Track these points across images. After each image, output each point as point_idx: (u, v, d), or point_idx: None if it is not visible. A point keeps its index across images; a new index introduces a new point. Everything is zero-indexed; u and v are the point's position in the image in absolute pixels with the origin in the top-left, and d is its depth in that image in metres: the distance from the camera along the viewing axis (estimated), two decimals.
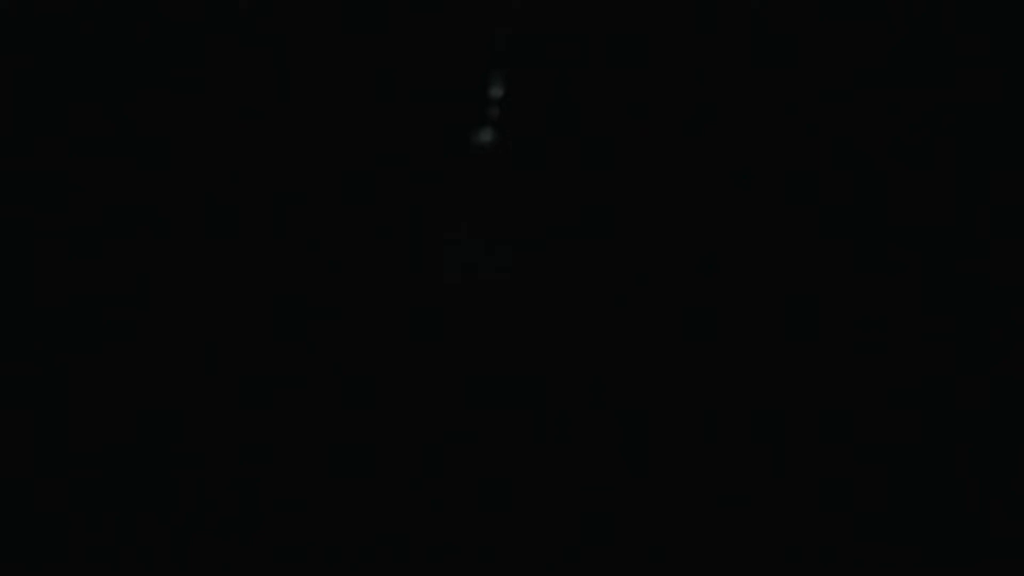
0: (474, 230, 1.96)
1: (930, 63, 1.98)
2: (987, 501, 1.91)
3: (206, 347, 1.97)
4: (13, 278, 1.96)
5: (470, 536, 1.90)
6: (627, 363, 1.96)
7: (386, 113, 1.98)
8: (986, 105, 1.97)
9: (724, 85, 1.97)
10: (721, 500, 1.92)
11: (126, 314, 1.97)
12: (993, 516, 1.91)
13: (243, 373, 1.97)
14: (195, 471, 1.94)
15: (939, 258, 1.97)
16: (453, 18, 1.97)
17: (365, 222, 1.99)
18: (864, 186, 1.99)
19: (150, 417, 1.95)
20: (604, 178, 1.96)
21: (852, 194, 1.99)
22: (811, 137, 1.98)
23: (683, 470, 1.93)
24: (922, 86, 1.98)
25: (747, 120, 1.98)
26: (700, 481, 1.93)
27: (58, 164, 1.97)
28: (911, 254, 1.98)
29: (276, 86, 1.99)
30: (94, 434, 1.94)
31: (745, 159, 1.98)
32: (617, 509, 1.92)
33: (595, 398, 1.95)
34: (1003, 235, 1.96)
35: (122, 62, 1.98)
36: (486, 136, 1.96)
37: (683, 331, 1.97)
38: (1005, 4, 1.96)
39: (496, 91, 1.96)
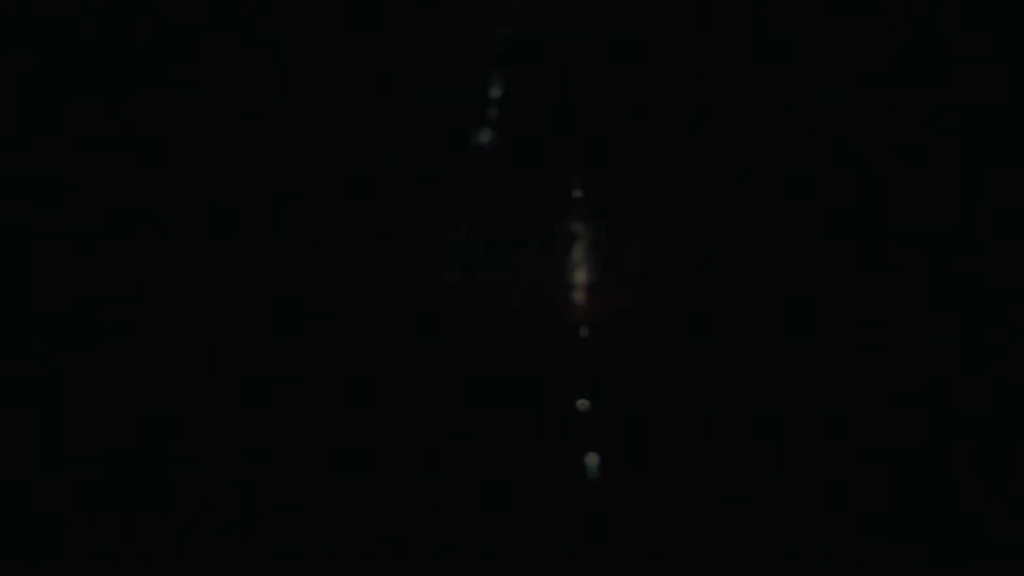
0: (474, 230, 1.96)
1: (930, 63, 1.98)
2: (987, 501, 1.91)
3: (206, 347, 1.97)
4: (13, 278, 1.96)
5: (470, 536, 1.90)
6: (627, 362, 1.96)
7: (386, 113, 1.98)
8: (986, 105, 1.97)
9: (724, 85, 1.97)
10: (721, 500, 1.92)
11: (126, 314, 1.97)
12: (993, 516, 1.90)
13: (243, 373, 1.97)
14: (195, 471, 1.94)
15: (939, 258, 1.97)
16: (453, 18, 1.96)
17: (365, 222, 1.99)
18: (864, 186, 1.98)
19: (150, 417, 1.95)
20: (604, 178, 1.96)
21: (852, 194, 1.98)
22: (811, 137, 1.98)
23: (683, 470, 1.93)
24: (922, 86, 1.98)
25: (747, 120, 1.98)
26: (700, 481, 1.92)
27: (58, 164, 1.97)
28: (911, 254, 1.98)
29: (276, 86, 1.99)
30: (94, 434, 1.94)
31: (745, 159, 1.98)
32: (617, 509, 1.92)
33: (595, 398, 1.95)
34: (1003, 235, 1.96)
35: (122, 62, 1.98)
36: (486, 136, 1.96)
37: (683, 331, 1.97)
38: (1005, 4, 1.96)
39: (496, 91, 1.96)
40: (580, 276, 1.96)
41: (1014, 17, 1.96)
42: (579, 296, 1.97)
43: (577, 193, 1.96)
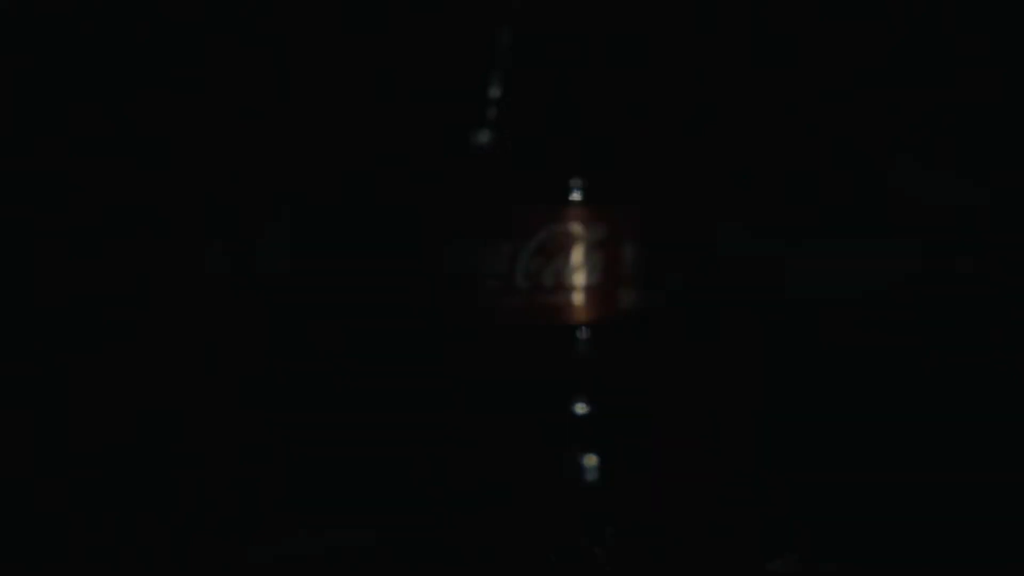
0: (474, 230, 1.96)
1: (930, 63, 1.98)
2: (987, 501, 1.91)
3: (206, 347, 1.98)
4: (13, 278, 1.96)
5: (470, 536, 1.90)
6: (627, 362, 1.96)
7: (386, 113, 1.98)
8: (986, 105, 1.97)
9: (724, 85, 1.97)
10: (721, 500, 1.92)
11: (126, 314, 1.97)
12: (993, 516, 1.91)
13: (243, 373, 1.97)
14: (195, 471, 1.94)
15: (939, 258, 1.97)
16: (453, 18, 1.97)
17: (365, 222, 1.99)
18: (864, 186, 1.99)
19: (150, 417, 1.96)
20: (604, 178, 1.96)
21: (852, 194, 1.99)
22: (811, 137, 1.98)
23: (683, 470, 1.93)
24: (922, 86, 1.98)
25: (747, 120, 1.98)
26: (700, 481, 1.93)
27: (58, 164, 1.97)
28: (911, 254, 1.98)
29: (276, 86, 2.00)
30: (94, 434, 1.94)
31: (745, 159, 1.98)
32: (617, 509, 1.92)
33: (595, 398, 1.95)
34: (1003, 235, 1.96)
35: (122, 62, 1.98)
36: (486, 136, 1.96)
37: (683, 331, 1.97)
38: (1005, 4, 1.96)
39: (496, 91, 1.96)
40: (580, 276, 1.97)
41: (1014, 17, 1.96)
42: (579, 296, 1.97)
43: (577, 193, 1.96)
